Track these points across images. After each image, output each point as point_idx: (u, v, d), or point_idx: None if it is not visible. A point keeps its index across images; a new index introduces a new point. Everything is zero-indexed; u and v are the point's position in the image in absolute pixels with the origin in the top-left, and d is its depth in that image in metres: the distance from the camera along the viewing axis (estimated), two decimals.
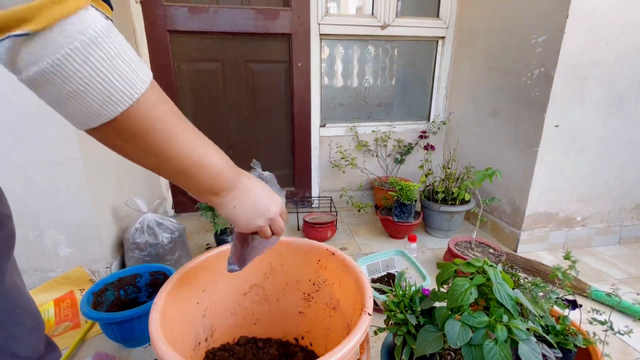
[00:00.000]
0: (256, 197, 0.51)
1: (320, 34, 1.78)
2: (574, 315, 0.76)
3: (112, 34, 0.33)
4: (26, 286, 1.18)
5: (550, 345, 0.64)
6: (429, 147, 1.79)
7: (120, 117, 0.34)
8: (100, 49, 0.31)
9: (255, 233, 0.56)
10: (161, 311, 0.57)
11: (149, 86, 0.36)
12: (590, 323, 0.71)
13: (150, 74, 0.37)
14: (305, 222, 1.61)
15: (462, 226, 1.76)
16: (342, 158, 1.92)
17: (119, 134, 0.36)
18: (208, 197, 0.47)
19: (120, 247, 1.29)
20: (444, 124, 2.02)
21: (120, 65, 0.33)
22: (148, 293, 1.07)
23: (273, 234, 0.57)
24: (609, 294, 1.13)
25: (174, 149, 0.39)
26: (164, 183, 1.88)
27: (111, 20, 0.59)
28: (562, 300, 0.74)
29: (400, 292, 0.73)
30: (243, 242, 0.60)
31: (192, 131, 0.42)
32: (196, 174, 0.43)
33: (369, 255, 1.25)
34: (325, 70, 1.90)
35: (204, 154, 0.43)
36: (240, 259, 0.61)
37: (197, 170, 0.43)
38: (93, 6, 0.31)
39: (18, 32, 0.27)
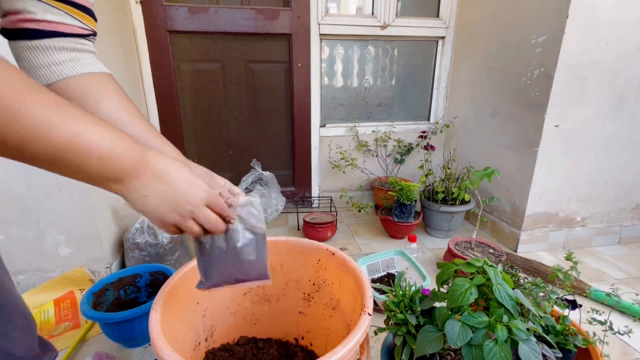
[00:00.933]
0: (173, 184, 0.42)
1: (320, 34, 1.78)
2: (573, 315, 0.76)
3: None
4: (26, 286, 1.18)
5: (550, 346, 0.64)
6: (429, 147, 1.79)
7: None
8: None
9: (181, 232, 0.46)
10: (161, 311, 0.57)
11: None
12: (590, 323, 0.71)
13: None
14: (305, 222, 1.61)
15: (462, 226, 1.76)
16: (342, 159, 1.92)
17: None
18: (107, 185, 0.39)
19: (120, 247, 1.29)
20: (448, 127, 2.01)
21: None
22: (148, 293, 1.07)
23: (206, 231, 0.47)
24: (608, 294, 1.13)
25: (25, 131, 0.31)
26: None
27: (95, 31, 0.55)
28: (562, 300, 0.74)
29: (400, 292, 0.73)
30: (199, 248, 0.51)
31: (57, 106, 0.34)
32: (73, 160, 0.35)
33: (369, 255, 1.25)
34: (325, 71, 1.90)
35: (81, 133, 0.35)
36: (201, 270, 0.53)
37: (72, 155, 0.34)
38: None
39: None
